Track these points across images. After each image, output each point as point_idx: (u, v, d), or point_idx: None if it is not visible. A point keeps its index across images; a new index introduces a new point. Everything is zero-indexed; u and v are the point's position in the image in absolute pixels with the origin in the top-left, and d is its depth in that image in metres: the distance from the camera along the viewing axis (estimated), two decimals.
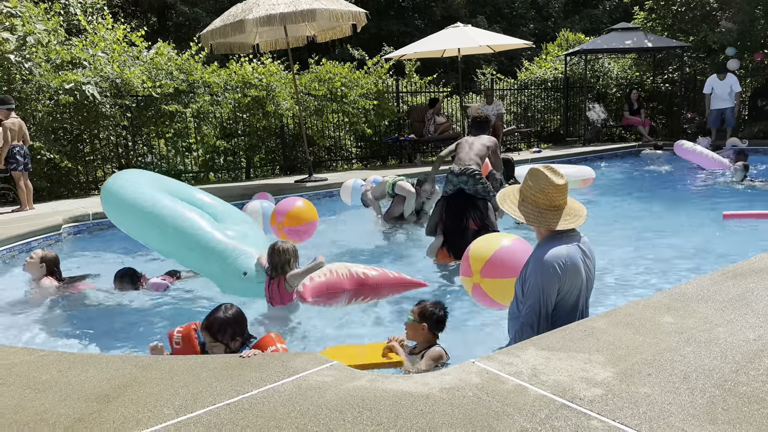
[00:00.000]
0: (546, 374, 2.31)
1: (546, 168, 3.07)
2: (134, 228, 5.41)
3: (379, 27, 25.24)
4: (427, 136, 13.50)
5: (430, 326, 3.33)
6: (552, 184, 3.00)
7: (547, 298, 2.92)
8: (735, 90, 13.44)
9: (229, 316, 3.30)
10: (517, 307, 3.08)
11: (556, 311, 2.97)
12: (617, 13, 27.47)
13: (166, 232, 5.05)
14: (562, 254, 2.92)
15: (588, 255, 3.06)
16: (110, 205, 5.43)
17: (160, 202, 5.18)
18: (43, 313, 4.72)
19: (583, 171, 9.56)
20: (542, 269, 2.92)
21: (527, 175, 3.11)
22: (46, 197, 9.55)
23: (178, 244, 5.09)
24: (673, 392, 2.12)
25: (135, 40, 11.07)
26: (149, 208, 5.11)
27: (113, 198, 5.34)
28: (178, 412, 2.19)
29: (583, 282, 3.00)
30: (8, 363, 2.80)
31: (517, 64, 20.96)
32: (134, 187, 5.30)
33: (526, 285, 2.99)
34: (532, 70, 17.76)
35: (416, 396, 2.21)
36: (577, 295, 3.00)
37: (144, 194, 5.23)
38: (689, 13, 15.48)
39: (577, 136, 16.47)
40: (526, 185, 3.09)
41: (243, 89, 11.68)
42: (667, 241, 6.31)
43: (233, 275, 4.81)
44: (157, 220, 5.07)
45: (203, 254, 4.96)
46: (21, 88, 9.28)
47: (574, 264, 2.93)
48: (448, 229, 5.69)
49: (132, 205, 5.19)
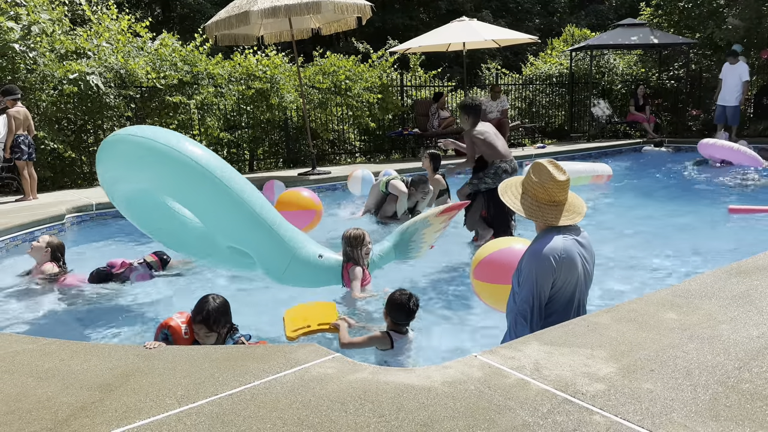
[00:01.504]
0: (548, 369, 2.30)
1: (549, 163, 3.06)
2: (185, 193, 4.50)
3: (384, 20, 25.16)
4: (431, 131, 13.48)
5: (388, 310, 3.49)
6: (553, 179, 3.00)
7: (541, 290, 2.92)
8: (743, 79, 13.10)
9: (219, 305, 3.31)
10: (513, 299, 3.08)
11: (551, 304, 2.97)
12: (623, 9, 27.29)
13: (234, 207, 4.38)
14: (557, 247, 2.92)
15: (586, 249, 3.05)
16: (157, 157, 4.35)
17: (231, 176, 4.46)
18: (44, 302, 4.73)
19: (600, 168, 9.41)
20: (537, 261, 2.92)
21: (530, 169, 3.12)
22: (50, 187, 9.57)
23: (244, 222, 4.46)
24: (676, 388, 2.12)
25: (139, 30, 11.06)
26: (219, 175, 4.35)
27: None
28: (180, 401, 2.20)
29: (579, 276, 2.99)
30: (11, 351, 2.80)
31: (522, 59, 20.88)
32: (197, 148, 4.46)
33: (522, 276, 2.99)
34: (537, 65, 17.70)
35: (418, 389, 2.20)
36: (572, 290, 2.99)
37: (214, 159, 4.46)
38: (696, 10, 15.39)
39: (582, 132, 16.42)
40: (528, 179, 3.10)
41: (247, 81, 11.67)
42: (672, 237, 6.30)
43: (305, 261, 4.53)
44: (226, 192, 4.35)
45: (272, 236, 4.49)
46: (25, 77, 9.28)
47: (570, 257, 2.93)
48: (494, 220, 5.77)
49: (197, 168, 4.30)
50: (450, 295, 4.74)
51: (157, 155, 4.23)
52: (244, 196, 4.43)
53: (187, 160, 4.25)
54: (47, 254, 5.10)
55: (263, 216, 4.49)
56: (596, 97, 16.32)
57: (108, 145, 4.45)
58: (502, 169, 5.82)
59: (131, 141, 4.35)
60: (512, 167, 5.87)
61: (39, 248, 5.11)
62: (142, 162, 4.29)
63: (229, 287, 5.04)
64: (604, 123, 16.06)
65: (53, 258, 5.13)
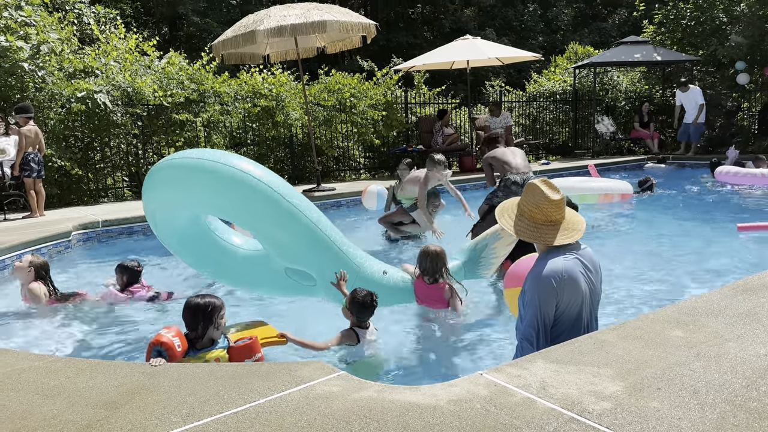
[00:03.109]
0: (554, 387, 2.29)
1: (542, 182, 3.06)
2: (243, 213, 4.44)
3: (389, 39, 25.41)
4: (436, 147, 13.52)
5: (350, 307, 3.75)
6: (547, 199, 2.98)
7: (545, 313, 2.89)
8: (698, 102, 14.09)
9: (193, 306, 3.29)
10: (521, 319, 3.06)
11: (558, 326, 2.93)
12: (626, 26, 27.49)
13: (296, 226, 4.32)
14: (558, 268, 2.89)
15: (590, 267, 3.01)
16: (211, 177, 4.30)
17: (290, 192, 4.42)
18: (46, 320, 4.72)
19: (618, 185, 9.18)
20: (538, 285, 2.90)
21: (524, 190, 3.11)
22: (57, 204, 9.62)
23: (306, 242, 4.38)
24: (683, 407, 2.11)
25: (147, 49, 11.19)
26: (278, 197, 4.30)
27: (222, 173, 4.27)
28: (186, 420, 2.19)
29: (584, 295, 2.96)
30: (18, 369, 2.81)
31: (525, 76, 21.00)
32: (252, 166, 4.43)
33: (526, 300, 2.97)
34: (540, 82, 17.78)
35: (423, 407, 2.20)
36: (578, 309, 2.96)
37: (269, 178, 4.39)
38: (699, 27, 15.48)
39: (586, 148, 16.45)
40: (524, 200, 3.09)
41: (253, 99, 11.77)
42: (678, 254, 6.28)
43: (369, 278, 4.43)
44: (286, 212, 4.32)
45: (336, 255, 4.42)
46: (34, 95, 9.38)
47: (571, 278, 2.90)
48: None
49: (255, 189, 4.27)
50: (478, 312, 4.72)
51: (218, 175, 4.17)
52: (307, 213, 4.36)
53: (247, 177, 4.19)
54: (31, 273, 4.94)
55: (327, 233, 4.39)
56: (600, 113, 16.37)
57: (157, 170, 4.42)
58: (512, 180, 5.76)
59: (185, 164, 4.32)
60: (524, 179, 5.71)
61: (22, 268, 4.97)
62: (204, 183, 4.22)
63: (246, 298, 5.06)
64: (608, 139, 16.09)
65: (38, 276, 4.96)
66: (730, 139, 14.95)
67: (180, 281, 5.79)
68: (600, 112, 16.49)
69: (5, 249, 6.19)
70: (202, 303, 3.28)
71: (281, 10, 9.46)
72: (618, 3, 30.68)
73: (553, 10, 30.53)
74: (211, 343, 3.30)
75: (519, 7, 29.99)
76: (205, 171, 4.20)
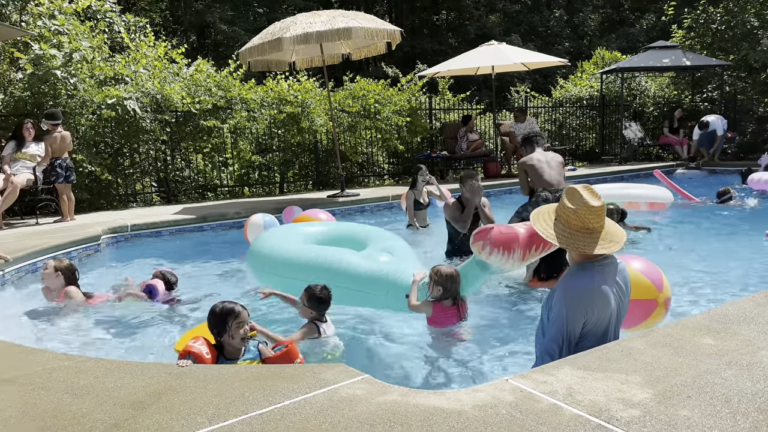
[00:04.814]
0: (582, 394, 2.26)
1: (583, 188, 2.93)
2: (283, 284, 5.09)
3: (413, 45, 25.45)
4: (460, 153, 13.49)
5: (308, 303, 3.95)
6: (586, 205, 2.86)
7: (571, 330, 2.80)
8: (718, 134, 14.05)
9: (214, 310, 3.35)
10: (542, 332, 2.96)
11: (582, 342, 2.85)
12: (654, 31, 27.12)
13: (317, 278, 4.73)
14: (591, 286, 2.79)
15: (621, 284, 2.93)
16: (258, 267, 5.33)
17: (305, 252, 4.99)
18: (74, 321, 4.80)
19: (657, 193, 8.87)
20: (568, 301, 2.80)
21: (564, 194, 3.00)
22: (87, 209, 9.81)
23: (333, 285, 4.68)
24: (714, 416, 2.06)
25: (175, 57, 11.37)
26: (291, 261, 4.94)
27: (259, 261, 5.28)
28: (211, 420, 2.21)
29: (612, 313, 2.88)
30: (48, 368, 2.87)
31: (551, 82, 20.84)
32: (276, 242, 5.23)
33: (552, 314, 2.87)
34: (567, 87, 17.64)
35: (448, 412, 2.18)
36: (605, 327, 2.88)
37: (279, 249, 5.09)
38: (729, 32, 15.22)
39: (614, 154, 16.25)
40: (562, 205, 2.97)
41: (279, 106, 11.87)
42: (708, 260, 6.15)
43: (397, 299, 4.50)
44: (307, 271, 4.79)
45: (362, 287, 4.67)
46: (66, 102, 9.59)
47: (604, 296, 2.81)
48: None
49: (279, 263, 5.02)
50: (480, 318, 4.69)
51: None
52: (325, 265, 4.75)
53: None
54: (60, 278, 5.02)
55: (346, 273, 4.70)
56: (628, 119, 16.16)
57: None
58: (543, 198, 5.65)
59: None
60: (556, 197, 5.58)
61: (49, 275, 5.05)
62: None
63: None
64: (636, 146, 15.87)
65: (69, 281, 5.04)
66: (762, 145, 14.64)
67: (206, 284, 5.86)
68: (628, 117, 16.29)
69: (38, 252, 6.32)
70: (218, 308, 3.32)
71: (307, 17, 9.54)
72: (646, 8, 30.30)
73: (580, 15, 30.30)
74: (239, 352, 3.31)
75: (545, 12, 29.83)
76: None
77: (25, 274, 6.02)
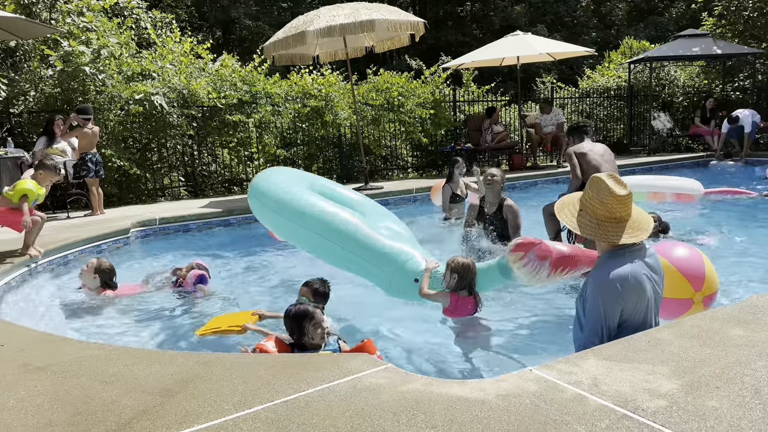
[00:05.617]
0: (607, 384, 2.24)
1: (608, 176, 2.88)
2: (286, 229, 5.16)
3: (437, 37, 25.32)
4: (484, 146, 13.40)
5: (313, 299, 4.00)
6: (612, 193, 2.81)
7: (610, 321, 2.76)
8: (746, 131, 13.49)
9: (292, 312, 3.45)
10: (580, 327, 2.92)
11: (622, 333, 2.79)
12: (684, 20, 26.52)
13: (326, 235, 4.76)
14: (623, 273, 2.74)
15: (655, 270, 2.87)
16: (259, 204, 5.25)
17: (316, 204, 4.94)
18: (105, 311, 4.92)
19: (686, 184, 8.72)
20: (603, 291, 2.76)
21: (588, 183, 2.95)
22: (116, 203, 9.99)
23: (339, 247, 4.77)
24: (744, 406, 2.02)
25: (201, 52, 11.49)
26: (306, 210, 4.89)
27: (264, 197, 5.15)
28: (237, 407, 2.24)
29: (649, 300, 2.82)
30: (79, 356, 2.93)
31: (578, 72, 20.58)
32: (286, 186, 5.11)
33: (587, 306, 2.83)
34: (594, 78, 17.38)
35: (471, 401, 2.18)
36: (643, 315, 2.83)
37: (298, 195, 4.99)
38: (762, 19, 14.83)
39: (642, 145, 15.98)
40: (586, 194, 2.92)
41: (303, 100, 11.93)
42: (739, 252, 6.03)
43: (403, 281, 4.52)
44: (317, 224, 4.82)
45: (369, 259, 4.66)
46: (95, 98, 9.76)
47: (638, 282, 2.76)
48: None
49: (286, 207, 4.98)
50: (504, 306, 4.67)
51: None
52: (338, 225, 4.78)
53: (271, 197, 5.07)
54: (96, 280, 5.17)
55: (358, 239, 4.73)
56: (656, 110, 15.87)
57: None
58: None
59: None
60: None
61: (88, 273, 5.19)
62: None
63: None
64: (665, 136, 15.58)
65: (103, 284, 5.18)
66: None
67: (233, 276, 5.94)
68: (656, 108, 15.99)
69: (69, 245, 6.47)
70: (292, 312, 3.44)
71: (330, 10, 9.56)
72: None
73: (607, 4, 29.84)
74: (320, 347, 3.39)
75: (571, 2, 29.40)
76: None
77: (57, 266, 6.16)
